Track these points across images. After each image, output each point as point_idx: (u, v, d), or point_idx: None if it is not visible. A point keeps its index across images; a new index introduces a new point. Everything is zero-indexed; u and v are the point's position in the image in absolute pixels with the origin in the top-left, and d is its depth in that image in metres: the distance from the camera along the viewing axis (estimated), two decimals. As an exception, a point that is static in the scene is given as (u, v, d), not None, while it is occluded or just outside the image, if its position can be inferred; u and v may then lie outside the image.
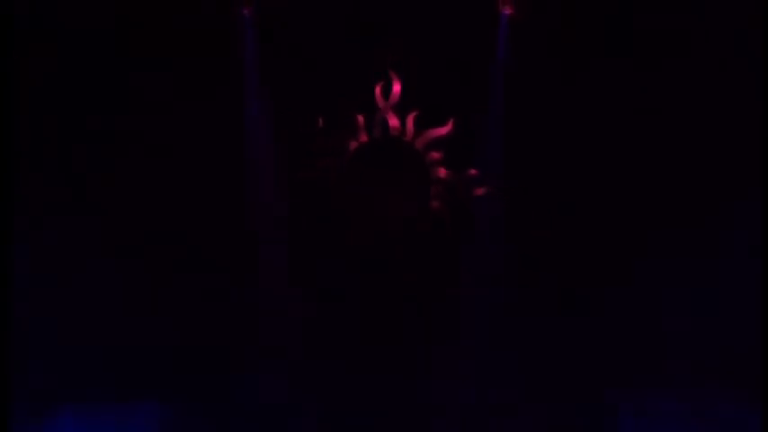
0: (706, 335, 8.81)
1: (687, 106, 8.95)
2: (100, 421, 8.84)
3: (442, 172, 9.29)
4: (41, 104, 8.78)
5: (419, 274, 9.40)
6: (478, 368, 9.23)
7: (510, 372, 9.12)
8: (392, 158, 9.42)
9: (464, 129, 9.25)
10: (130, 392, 8.93)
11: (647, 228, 9.02)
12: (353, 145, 9.33)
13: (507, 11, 8.99)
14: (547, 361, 9.09)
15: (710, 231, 8.84)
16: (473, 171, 9.23)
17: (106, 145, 9.08)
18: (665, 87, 8.96)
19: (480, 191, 9.25)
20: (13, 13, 8.29)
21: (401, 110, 9.32)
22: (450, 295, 9.30)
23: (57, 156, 8.93)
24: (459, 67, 9.09)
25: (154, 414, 8.97)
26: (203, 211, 9.11)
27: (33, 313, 8.67)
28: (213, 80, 9.10)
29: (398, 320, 9.28)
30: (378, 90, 9.26)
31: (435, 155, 9.27)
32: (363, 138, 9.34)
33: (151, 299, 9.01)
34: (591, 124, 9.07)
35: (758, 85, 8.46)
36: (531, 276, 9.18)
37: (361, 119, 9.29)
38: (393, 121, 9.28)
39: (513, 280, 9.18)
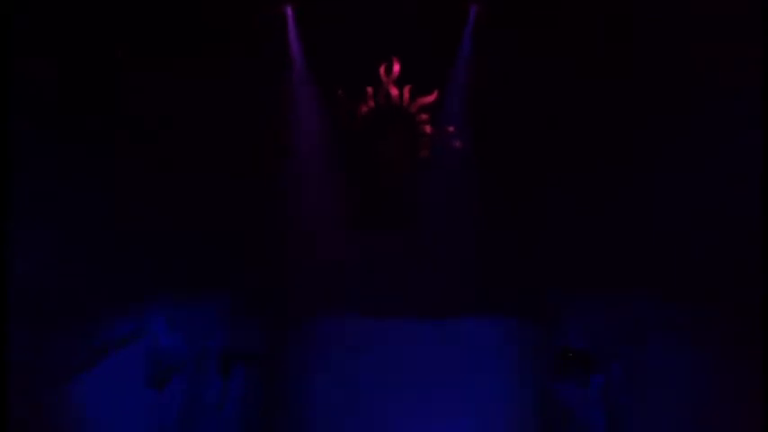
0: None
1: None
2: (181, 306, 10.03)
3: (429, 128, 10.82)
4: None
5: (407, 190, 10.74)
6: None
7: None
8: (392, 118, 10.80)
9: (445, 97, 10.62)
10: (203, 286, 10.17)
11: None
12: (364, 109, 10.77)
13: (474, 7, 10.30)
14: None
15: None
16: (451, 128, 10.77)
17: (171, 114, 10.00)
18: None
19: (457, 143, 10.70)
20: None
21: (399, 83, 10.67)
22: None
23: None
24: (442, 51, 10.33)
25: (225, 302, 10.43)
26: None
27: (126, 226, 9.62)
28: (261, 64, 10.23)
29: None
30: (382, 69, 10.62)
31: (424, 116, 10.72)
32: (371, 103, 10.79)
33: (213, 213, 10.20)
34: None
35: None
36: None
37: (370, 90, 10.65)
38: (393, 92, 10.69)
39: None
